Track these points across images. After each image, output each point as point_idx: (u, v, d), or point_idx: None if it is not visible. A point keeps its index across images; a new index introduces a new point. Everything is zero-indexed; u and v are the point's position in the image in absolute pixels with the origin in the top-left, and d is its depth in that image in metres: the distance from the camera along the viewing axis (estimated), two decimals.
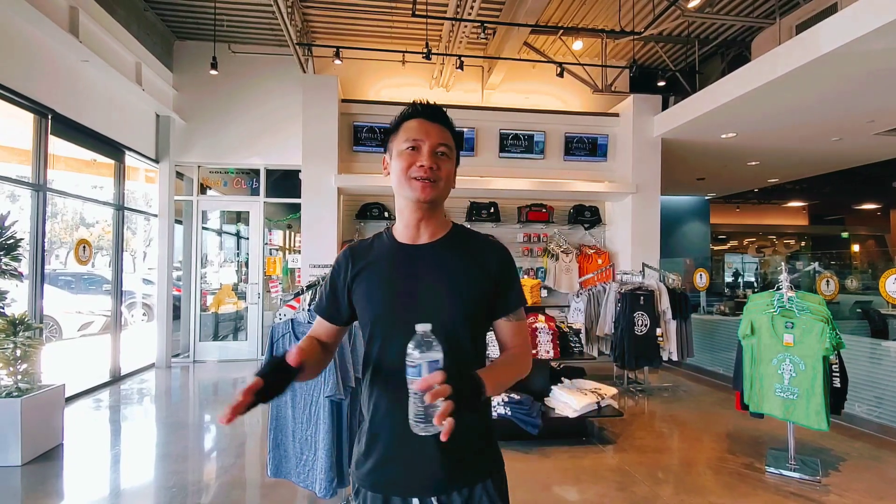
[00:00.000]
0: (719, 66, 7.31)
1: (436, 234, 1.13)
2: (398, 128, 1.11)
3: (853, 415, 4.12)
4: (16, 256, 3.56)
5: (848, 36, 3.71)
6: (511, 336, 1.13)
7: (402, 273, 1.10)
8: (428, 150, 1.06)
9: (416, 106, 1.11)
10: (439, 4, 5.85)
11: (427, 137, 1.07)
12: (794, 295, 3.11)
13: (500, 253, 1.14)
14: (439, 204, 1.12)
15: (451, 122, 1.13)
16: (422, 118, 1.10)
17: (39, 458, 3.41)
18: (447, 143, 1.09)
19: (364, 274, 1.13)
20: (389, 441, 1.05)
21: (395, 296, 1.08)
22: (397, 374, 1.01)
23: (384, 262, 1.12)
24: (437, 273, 1.09)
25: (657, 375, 5.98)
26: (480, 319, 1.11)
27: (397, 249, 1.13)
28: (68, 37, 4.42)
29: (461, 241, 1.14)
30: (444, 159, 1.08)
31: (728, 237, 14.99)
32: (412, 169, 1.06)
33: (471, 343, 1.08)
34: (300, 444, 2.31)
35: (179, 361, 6.82)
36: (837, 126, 5.80)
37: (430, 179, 1.05)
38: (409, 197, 1.08)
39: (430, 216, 1.11)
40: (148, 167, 6.64)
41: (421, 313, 1.01)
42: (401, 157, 1.08)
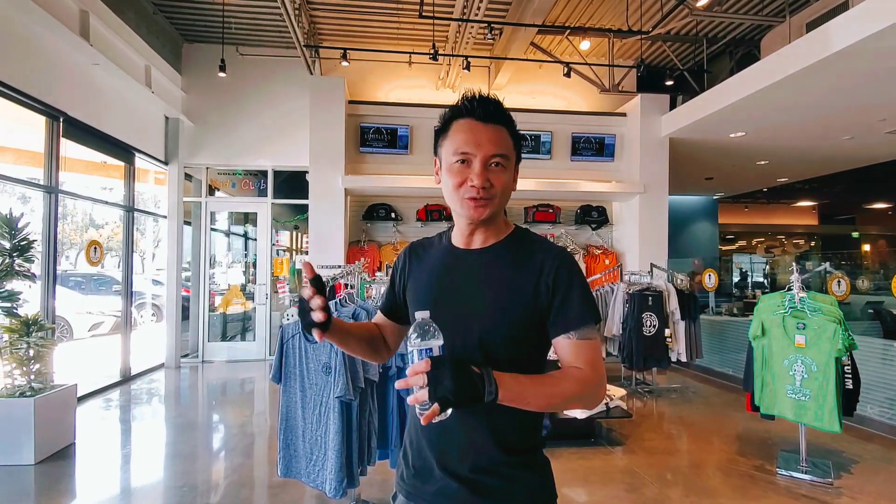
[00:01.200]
0: (728, 65, 7.26)
1: (490, 240, 1.03)
2: (447, 128, 0.99)
3: (865, 416, 4.07)
4: (29, 258, 3.60)
5: (860, 33, 3.67)
6: (572, 357, 0.95)
7: (446, 278, 1.04)
8: (480, 164, 0.95)
9: (466, 102, 0.97)
10: (446, 5, 5.85)
11: (478, 149, 0.95)
12: (805, 296, 3.08)
13: (556, 260, 0.99)
14: (496, 216, 1.02)
15: (510, 118, 0.99)
16: (474, 119, 0.96)
17: (52, 457, 3.45)
18: (503, 151, 0.96)
19: (415, 274, 1.09)
20: (422, 452, 1.02)
21: (434, 302, 1.01)
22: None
23: (435, 264, 1.07)
24: (479, 282, 1.00)
25: (665, 376, 5.94)
26: (525, 333, 0.98)
27: (449, 252, 1.06)
28: (79, 40, 4.48)
29: (516, 247, 1.03)
30: (498, 171, 0.96)
31: (736, 237, 14.86)
32: (463, 188, 0.96)
33: (507, 357, 0.97)
34: (310, 444, 2.32)
35: (188, 361, 6.87)
36: (849, 125, 5.73)
37: (485, 199, 0.96)
38: (463, 215, 1.00)
39: (485, 228, 1.03)
40: (157, 169, 6.70)
41: (456, 323, 0.98)
42: (450, 171, 0.97)
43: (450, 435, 0.98)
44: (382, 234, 6.79)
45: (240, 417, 4.56)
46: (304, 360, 2.34)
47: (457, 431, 0.97)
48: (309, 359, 2.33)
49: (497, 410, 0.91)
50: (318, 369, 2.31)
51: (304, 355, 2.34)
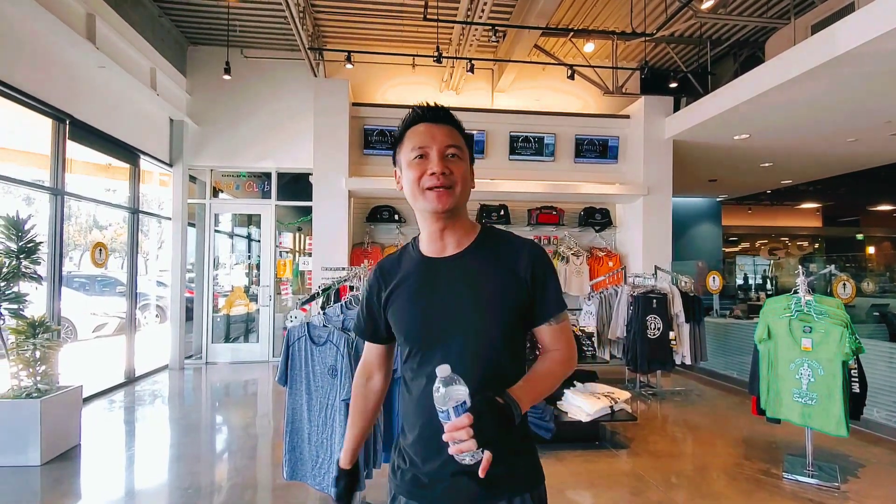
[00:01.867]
0: (732, 67, 7.25)
1: (462, 243, 1.06)
2: (403, 136, 1.06)
3: (871, 420, 4.05)
4: (35, 260, 3.62)
5: (866, 35, 3.66)
6: (553, 341, 1.06)
7: (429, 290, 1.05)
8: (437, 154, 1.00)
9: (416, 110, 1.06)
10: (449, 8, 5.87)
11: (433, 142, 1.01)
12: (811, 299, 3.07)
13: (531, 254, 1.05)
14: (460, 210, 1.05)
15: (457, 120, 1.07)
16: (426, 122, 1.04)
17: (58, 458, 3.46)
18: (456, 143, 1.02)
19: (395, 292, 1.09)
20: (425, 457, 1.03)
21: (423, 314, 1.04)
22: (430, 394, 1.01)
23: (412, 279, 1.07)
24: (464, 287, 1.03)
25: (670, 379, 5.93)
26: (516, 329, 1.05)
27: (423, 264, 1.08)
28: (86, 43, 4.50)
29: (489, 246, 1.07)
30: (455, 161, 1.01)
31: (740, 239, 14.81)
32: (424, 178, 1.00)
33: (508, 356, 1.03)
34: (316, 447, 2.32)
35: (192, 363, 6.89)
36: (854, 127, 5.72)
37: (445, 186, 0.99)
38: (427, 208, 1.02)
39: (452, 224, 1.05)
40: (162, 171, 6.73)
41: (451, 331, 1.01)
42: (410, 167, 1.02)
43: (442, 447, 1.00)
44: (386, 235, 6.80)
45: (244, 419, 4.56)
46: (310, 362, 2.34)
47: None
48: (315, 361, 2.33)
49: None
50: (324, 372, 2.32)
51: (310, 358, 2.34)
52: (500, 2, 5.76)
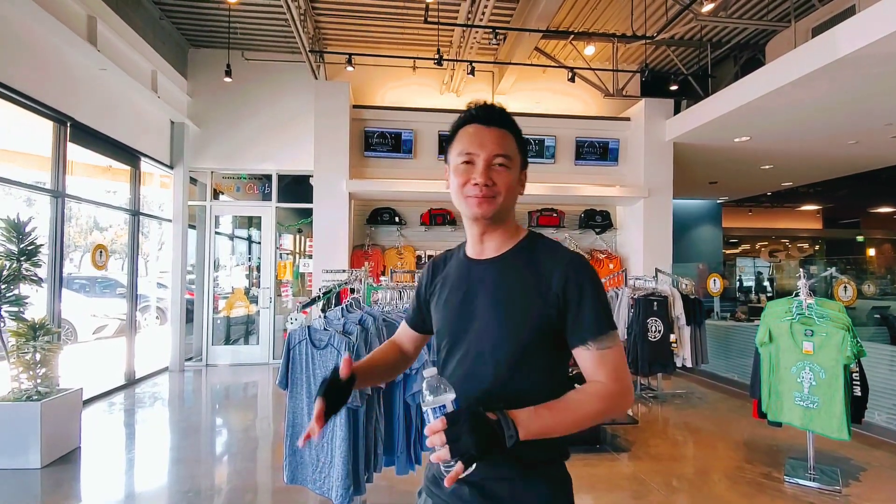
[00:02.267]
0: (732, 70, 7.25)
1: (500, 248, 1.04)
2: (454, 136, 1.04)
3: (872, 423, 4.05)
4: (36, 262, 3.62)
5: (867, 38, 3.66)
6: (593, 369, 0.94)
7: (461, 291, 1.04)
8: (483, 163, 0.97)
9: (470, 111, 1.02)
10: (450, 11, 5.87)
11: (482, 149, 0.98)
12: (812, 302, 3.07)
13: (568, 267, 0.97)
14: (503, 216, 1.01)
15: (513, 122, 1.02)
16: (478, 124, 1.00)
17: (58, 461, 3.45)
18: (505, 152, 0.98)
19: (437, 289, 1.12)
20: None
21: (452, 315, 1.04)
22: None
23: (451, 278, 1.09)
24: (491, 293, 1.00)
25: (670, 382, 5.92)
26: (540, 348, 0.97)
27: (463, 265, 1.08)
28: (87, 46, 4.51)
29: (528, 254, 1.02)
30: (501, 171, 0.98)
31: (740, 241, 14.81)
32: (467, 186, 0.98)
33: (523, 373, 0.96)
34: (316, 451, 2.32)
35: (192, 365, 6.88)
36: (854, 129, 5.72)
37: (487, 196, 0.97)
38: (467, 214, 1.01)
39: (493, 229, 1.03)
40: (162, 172, 6.73)
41: (472, 337, 1.00)
42: (456, 171, 1.01)
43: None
44: (386, 238, 6.80)
45: (244, 422, 4.56)
46: (310, 366, 2.34)
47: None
48: (316, 365, 2.33)
49: None
50: (324, 375, 2.31)
51: (310, 361, 2.34)
52: (501, 5, 5.77)
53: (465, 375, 1.00)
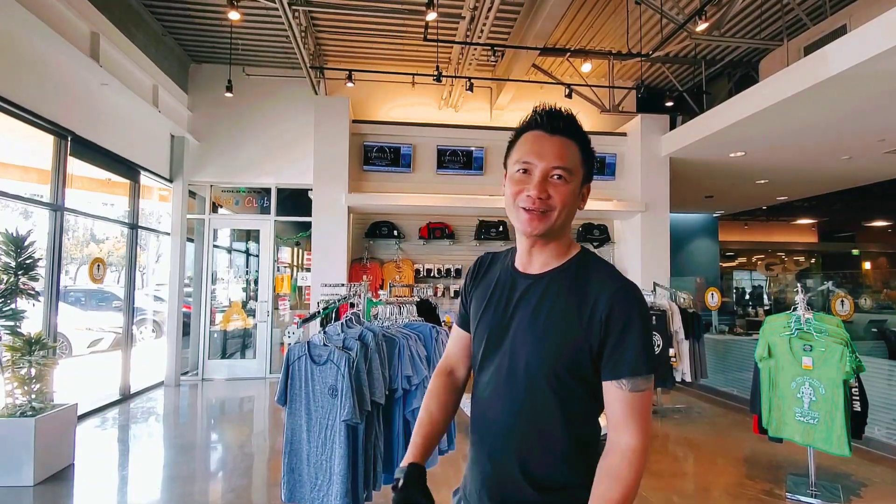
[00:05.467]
0: (726, 86, 7.37)
1: (548, 265, 0.98)
2: (516, 141, 0.98)
3: (873, 438, 4.03)
4: (34, 276, 3.60)
5: (858, 57, 3.73)
6: (620, 412, 0.87)
7: (502, 302, 1.00)
8: (540, 175, 0.92)
9: (535, 114, 0.96)
10: (449, 28, 5.97)
11: (541, 160, 0.92)
12: (811, 317, 3.08)
13: (616, 294, 0.90)
14: (556, 232, 0.95)
15: (579, 130, 0.97)
16: (541, 131, 0.95)
17: (51, 478, 3.39)
18: (566, 164, 0.92)
19: (478, 291, 1.07)
20: (474, 477, 1.02)
21: (488, 326, 1.00)
22: (481, 407, 1.01)
23: (493, 285, 1.04)
24: (531, 310, 0.95)
25: (670, 396, 5.89)
26: (575, 378, 0.91)
27: (508, 273, 1.03)
28: (89, 61, 4.55)
29: (574, 275, 0.95)
30: (559, 184, 0.92)
31: (737, 254, 14.88)
32: (520, 197, 0.93)
33: (556, 400, 0.91)
34: (315, 468, 2.29)
35: (188, 379, 6.81)
36: (847, 145, 5.80)
37: (539, 210, 0.92)
38: (518, 227, 0.97)
39: (543, 244, 0.97)
40: (161, 186, 6.74)
41: (506, 351, 0.97)
42: (511, 180, 0.96)
43: (482, 469, 0.99)
44: (385, 251, 6.81)
45: (240, 437, 4.50)
46: (310, 382, 2.32)
47: (487, 465, 0.98)
48: (315, 381, 2.31)
49: (524, 443, 0.93)
50: (324, 392, 2.30)
51: (310, 377, 2.33)
52: (499, 23, 5.87)
53: (496, 389, 0.97)
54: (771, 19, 5.93)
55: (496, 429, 0.97)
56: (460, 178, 6.70)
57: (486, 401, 0.99)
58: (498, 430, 0.96)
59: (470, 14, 5.22)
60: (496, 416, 0.97)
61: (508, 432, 0.95)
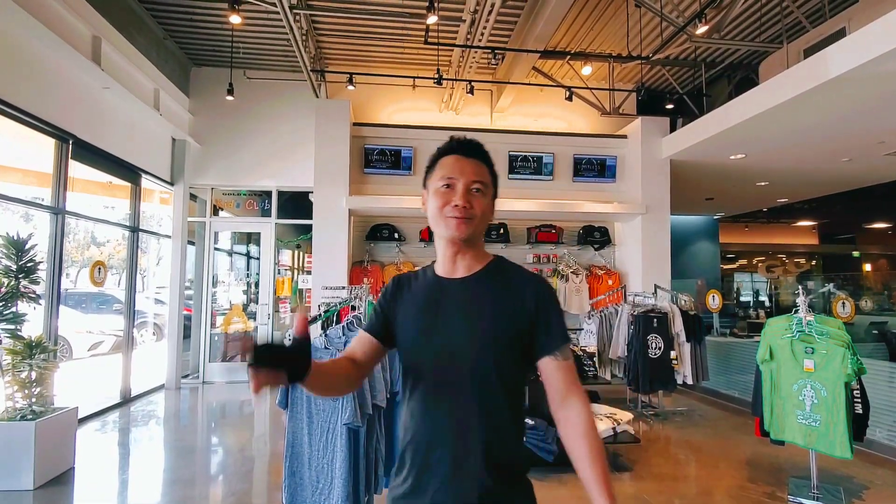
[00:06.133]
0: (726, 89, 7.38)
1: (472, 268, 1.12)
2: (435, 164, 1.12)
3: (875, 441, 4.02)
4: (35, 280, 3.60)
5: (857, 60, 3.74)
6: (561, 376, 1.05)
7: (431, 307, 1.10)
8: (462, 188, 1.07)
9: (452, 142, 1.13)
10: (450, 31, 5.98)
11: (462, 175, 1.08)
12: (812, 319, 3.07)
13: (539, 285, 1.10)
14: (475, 239, 1.11)
15: (488, 156, 1.15)
16: (458, 155, 1.11)
17: (51, 482, 3.39)
18: (482, 179, 1.09)
19: (403, 305, 1.14)
20: (417, 473, 1.06)
21: (421, 330, 1.09)
22: (422, 410, 1.06)
23: (420, 295, 1.13)
24: (467, 311, 1.07)
25: (671, 399, 5.88)
26: (513, 359, 1.06)
27: (434, 282, 1.13)
28: (91, 65, 4.56)
29: (497, 274, 1.12)
30: (478, 196, 1.08)
31: (737, 256, 14.87)
32: (447, 207, 1.07)
33: (501, 386, 1.04)
34: (316, 472, 2.29)
35: (188, 382, 6.81)
36: (847, 147, 5.80)
37: (465, 217, 1.06)
38: (445, 234, 1.09)
39: (465, 251, 1.11)
40: (162, 189, 6.75)
41: (448, 354, 1.05)
42: (436, 195, 1.09)
43: (442, 459, 1.03)
44: (385, 254, 6.80)
45: (240, 441, 4.50)
46: None
47: (447, 467, 1.02)
48: None
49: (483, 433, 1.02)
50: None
51: None
52: (500, 26, 5.88)
53: (442, 391, 1.05)
54: (770, 22, 5.94)
55: (454, 427, 1.03)
56: None
57: (436, 403, 1.05)
58: (456, 428, 1.03)
59: (470, 17, 5.23)
60: (449, 414, 1.04)
61: (467, 428, 1.02)
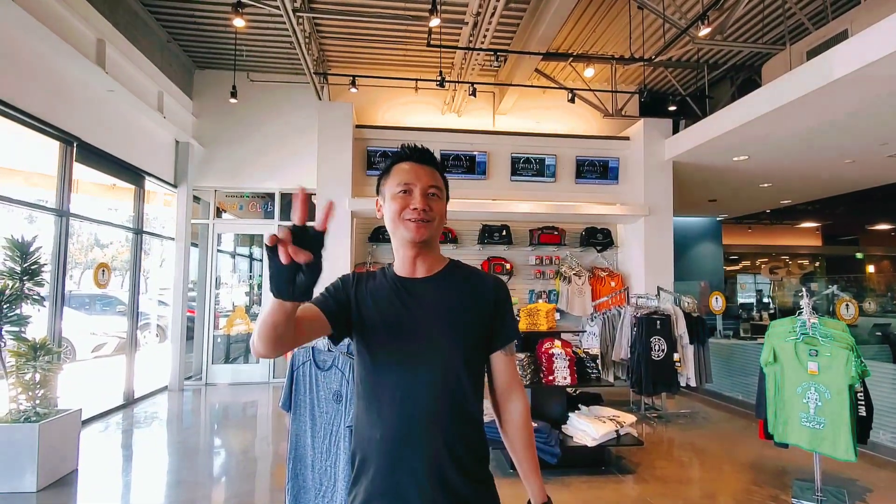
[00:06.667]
0: (729, 91, 7.37)
1: (432, 269, 1.16)
2: (389, 171, 1.15)
3: (878, 443, 4.00)
4: (39, 282, 3.62)
5: (860, 62, 3.74)
6: (507, 370, 1.16)
7: (398, 305, 1.11)
8: (420, 192, 1.10)
9: (405, 150, 1.16)
10: (452, 34, 5.99)
11: (418, 181, 1.11)
12: (816, 321, 3.06)
13: (495, 283, 1.18)
14: (433, 242, 1.16)
15: (440, 164, 1.19)
16: (412, 162, 1.14)
17: (54, 484, 3.40)
18: (437, 184, 1.13)
19: (364, 299, 1.12)
20: (386, 472, 1.05)
21: (388, 325, 1.09)
22: (391, 407, 1.06)
23: (382, 292, 1.13)
24: (434, 307, 1.11)
25: (675, 401, 5.86)
26: (478, 352, 1.13)
27: (396, 281, 1.15)
28: (95, 68, 4.59)
29: (458, 275, 1.17)
30: (435, 199, 1.12)
31: (740, 258, 14.82)
32: (406, 211, 1.09)
33: (468, 378, 1.09)
34: (319, 474, 2.29)
35: (192, 384, 6.82)
36: (850, 149, 5.79)
37: (424, 220, 1.09)
38: (405, 237, 1.11)
39: (425, 253, 1.14)
40: (166, 191, 6.78)
41: (418, 347, 1.08)
42: (394, 199, 1.11)
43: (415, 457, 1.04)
44: (388, 256, 6.81)
45: (244, 443, 4.50)
46: (314, 387, 2.32)
47: (416, 460, 1.04)
48: (319, 387, 2.32)
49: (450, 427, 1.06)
50: (328, 397, 2.30)
51: (314, 383, 2.33)
52: (502, 28, 5.89)
53: (413, 388, 1.06)
54: (773, 24, 5.94)
55: (427, 423, 1.05)
56: (463, 183, 6.71)
57: (407, 400, 1.06)
58: (429, 424, 1.05)
59: (473, 20, 5.24)
60: (423, 409, 1.05)
61: (439, 423, 1.05)
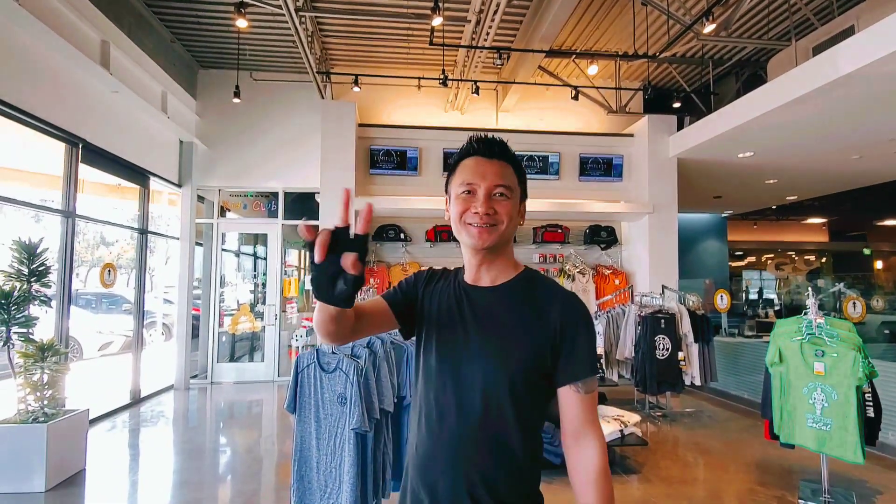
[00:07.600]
0: (734, 87, 7.31)
1: (498, 279, 1.05)
2: (456, 167, 1.06)
3: (887, 444, 3.98)
4: (46, 283, 3.64)
5: (866, 58, 3.70)
6: (579, 411, 0.96)
7: (455, 314, 1.04)
8: (484, 194, 0.99)
9: (472, 143, 1.05)
10: (455, 32, 5.97)
11: (482, 180, 1.00)
12: (822, 321, 3.04)
13: (566, 304, 1.00)
14: (501, 247, 1.03)
15: (513, 155, 1.06)
16: (479, 156, 1.03)
17: (62, 484, 3.43)
18: (505, 182, 1.01)
19: (432, 300, 1.08)
20: (410, 482, 1.04)
21: (441, 337, 1.03)
22: (426, 421, 1.01)
23: (447, 298, 1.06)
24: (486, 323, 1.01)
25: (679, 400, 5.85)
26: (532, 383, 0.97)
27: (460, 287, 1.07)
28: (100, 70, 4.60)
29: (524, 288, 1.03)
30: (501, 200, 1.00)
31: (746, 254, 14.74)
32: (467, 214, 1.00)
33: (513, 409, 0.96)
34: (324, 476, 2.30)
35: (197, 383, 6.86)
36: (857, 145, 5.73)
37: (488, 225, 0.99)
38: (467, 243, 1.03)
39: (491, 260, 1.04)
40: (170, 191, 6.80)
41: (459, 366, 0.99)
42: (457, 200, 1.02)
43: (441, 486, 0.98)
44: (392, 254, 6.82)
45: (249, 442, 4.53)
46: (319, 390, 2.33)
47: (443, 480, 0.97)
48: (324, 389, 2.32)
49: (483, 455, 0.96)
50: (333, 400, 2.30)
51: (319, 385, 2.33)
52: (505, 26, 5.86)
53: (452, 400, 0.98)
54: (778, 19, 5.87)
55: (454, 441, 0.97)
56: None
57: (440, 412, 0.99)
58: (456, 443, 0.97)
59: (475, 18, 5.21)
60: (450, 430, 0.97)
61: (467, 443, 0.96)
